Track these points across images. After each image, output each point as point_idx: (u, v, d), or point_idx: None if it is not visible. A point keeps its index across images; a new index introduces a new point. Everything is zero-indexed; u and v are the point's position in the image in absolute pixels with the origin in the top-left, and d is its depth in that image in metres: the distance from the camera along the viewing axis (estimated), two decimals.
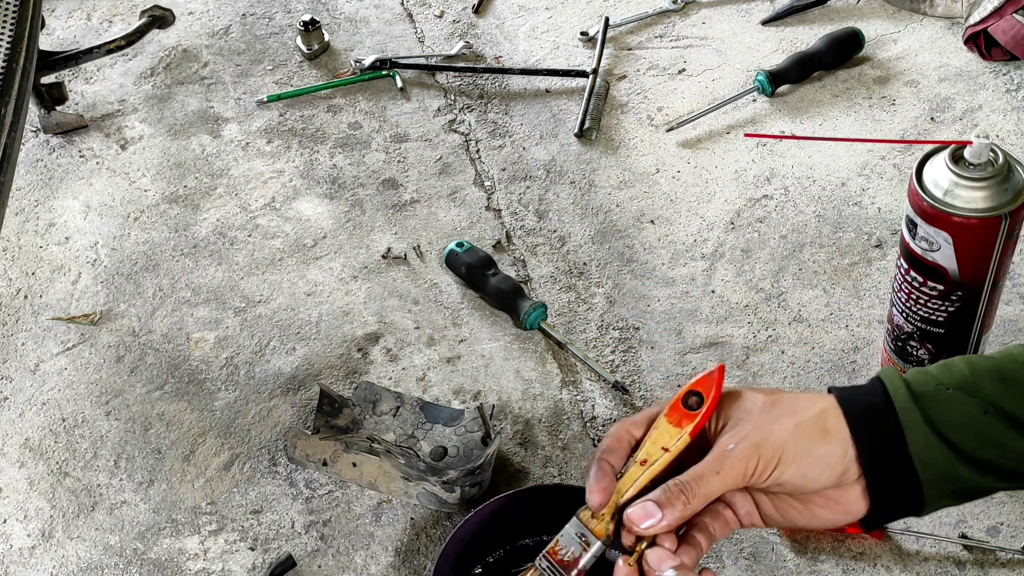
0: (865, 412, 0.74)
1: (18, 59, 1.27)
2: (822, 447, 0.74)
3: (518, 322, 1.37)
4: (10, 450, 1.30)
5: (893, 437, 0.74)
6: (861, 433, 0.74)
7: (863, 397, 0.75)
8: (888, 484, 0.75)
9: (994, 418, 0.73)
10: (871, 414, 0.74)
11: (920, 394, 0.74)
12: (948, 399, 0.74)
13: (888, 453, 0.74)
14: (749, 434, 0.74)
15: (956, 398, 0.74)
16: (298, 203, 1.57)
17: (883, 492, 0.75)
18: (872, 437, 0.74)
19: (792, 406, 0.75)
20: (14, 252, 1.53)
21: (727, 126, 1.61)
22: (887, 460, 0.74)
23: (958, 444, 0.73)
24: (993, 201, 1.07)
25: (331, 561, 1.18)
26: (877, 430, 0.74)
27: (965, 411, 0.73)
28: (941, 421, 0.73)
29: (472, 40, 1.79)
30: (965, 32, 1.65)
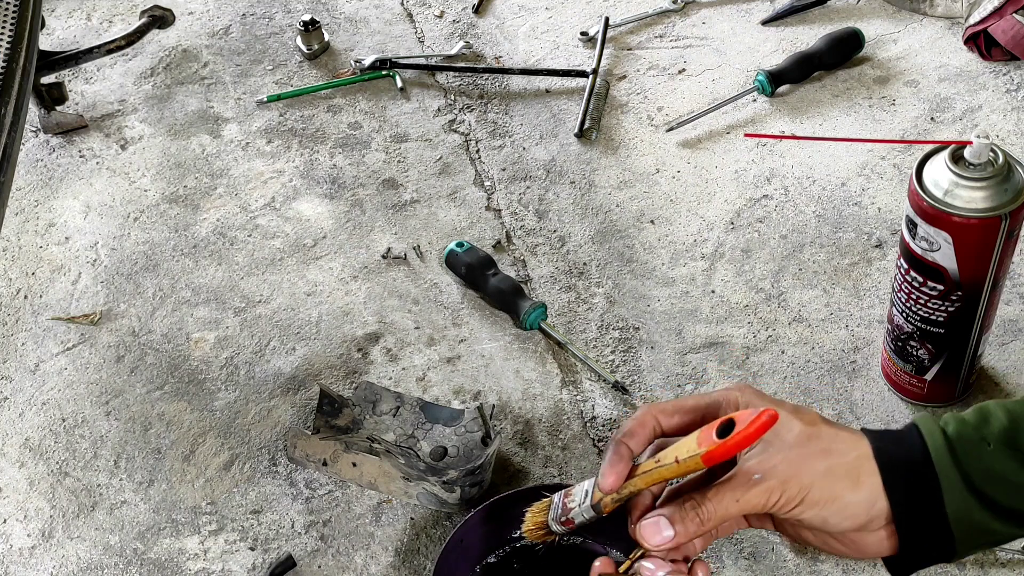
0: (902, 467, 0.72)
1: (18, 59, 1.27)
2: (851, 496, 0.72)
3: (518, 322, 1.37)
4: (10, 450, 1.30)
5: (929, 495, 0.72)
6: (895, 488, 0.72)
7: (900, 449, 0.73)
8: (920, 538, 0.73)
9: None
10: (908, 470, 0.72)
11: (959, 450, 0.72)
12: (986, 455, 0.72)
13: (922, 510, 0.72)
14: (778, 466, 0.71)
15: (995, 454, 0.72)
16: (298, 203, 1.57)
17: (914, 544, 0.73)
18: (907, 493, 0.72)
19: (827, 446, 0.72)
20: (14, 252, 1.54)
21: (727, 126, 1.61)
22: (921, 516, 0.72)
23: (994, 499, 0.72)
24: (993, 201, 1.07)
25: (331, 561, 1.18)
26: (913, 486, 0.72)
27: (1003, 467, 0.71)
28: (979, 478, 0.71)
29: (472, 40, 1.79)
30: (965, 32, 1.65)
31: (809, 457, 0.71)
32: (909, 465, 0.72)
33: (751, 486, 0.71)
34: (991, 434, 0.72)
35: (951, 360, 1.20)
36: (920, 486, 0.71)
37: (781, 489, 0.71)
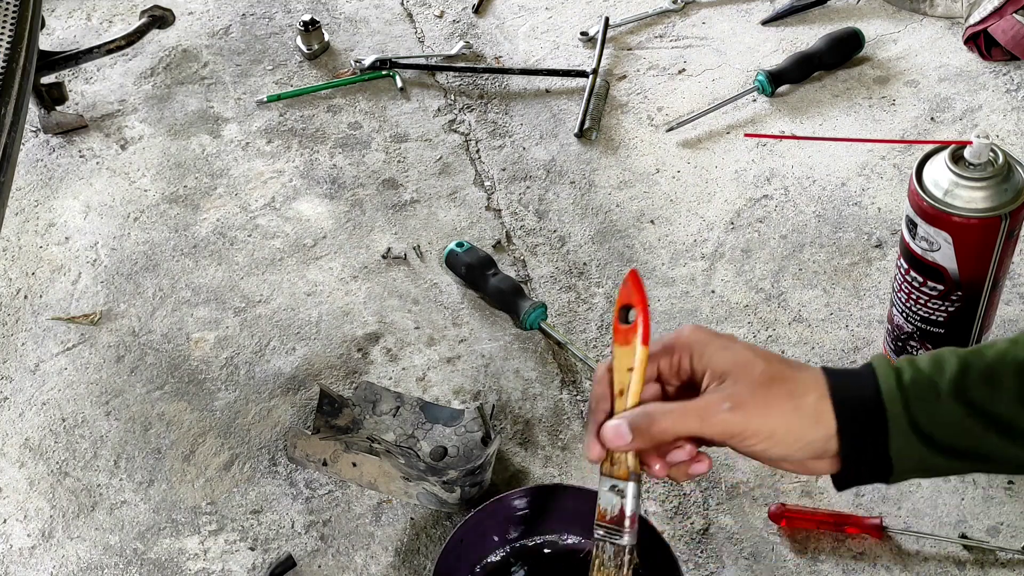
0: (856, 408, 0.77)
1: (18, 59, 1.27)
2: (812, 434, 0.76)
3: (518, 322, 1.37)
4: (10, 450, 1.30)
5: (876, 436, 0.76)
6: (847, 427, 0.76)
7: (855, 390, 0.77)
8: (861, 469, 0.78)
9: (977, 420, 0.75)
10: (861, 411, 0.76)
11: (910, 398, 0.76)
12: (936, 404, 0.76)
13: (868, 448, 0.77)
14: (747, 403, 0.76)
15: (944, 404, 0.76)
16: (298, 203, 1.57)
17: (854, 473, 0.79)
18: (857, 431, 0.77)
19: (791, 387, 0.77)
20: (14, 252, 1.53)
21: (727, 126, 1.61)
22: (866, 452, 0.77)
23: (937, 441, 0.76)
24: (993, 201, 1.07)
25: (331, 561, 1.18)
26: (863, 426, 0.76)
27: (950, 415, 0.76)
28: (925, 423, 0.76)
29: (472, 40, 1.79)
30: (965, 32, 1.65)
31: (776, 397, 0.76)
32: (862, 405, 0.76)
33: (719, 413, 0.76)
34: (942, 381, 0.76)
35: None
36: (869, 426, 0.76)
37: (748, 425, 0.76)
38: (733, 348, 0.79)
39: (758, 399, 0.76)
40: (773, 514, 1.16)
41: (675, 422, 0.77)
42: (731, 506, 1.18)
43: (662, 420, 0.77)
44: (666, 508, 1.19)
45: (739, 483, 1.20)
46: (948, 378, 0.76)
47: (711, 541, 1.16)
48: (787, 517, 1.15)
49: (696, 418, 0.77)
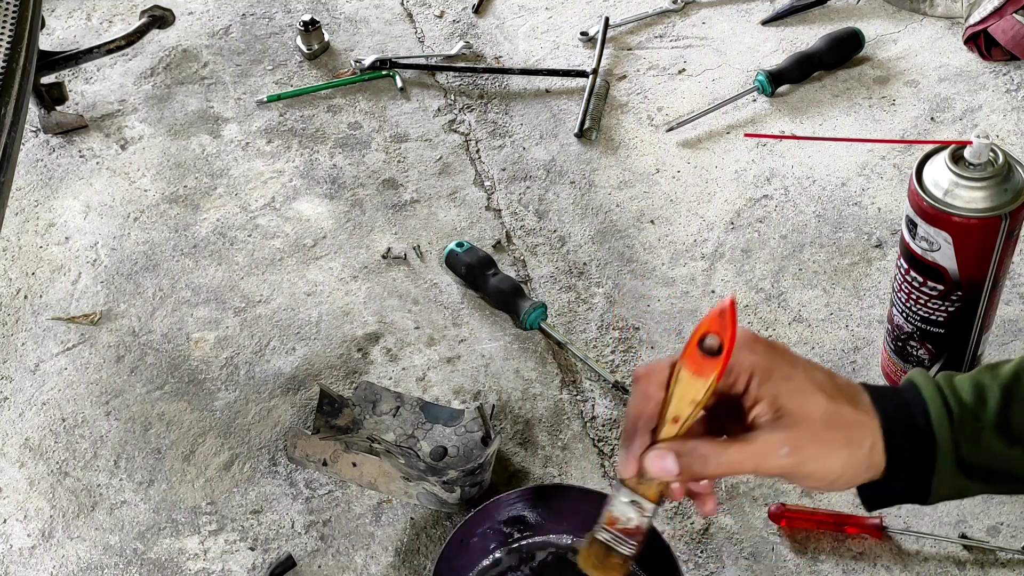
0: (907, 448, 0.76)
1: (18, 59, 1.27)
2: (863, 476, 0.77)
3: (518, 322, 1.37)
4: (10, 450, 1.30)
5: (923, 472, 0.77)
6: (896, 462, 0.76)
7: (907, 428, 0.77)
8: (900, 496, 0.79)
9: (1019, 449, 0.76)
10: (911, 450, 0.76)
11: (957, 433, 0.76)
12: (980, 437, 0.76)
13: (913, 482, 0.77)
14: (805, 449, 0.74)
15: (987, 437, 0.76)
16: (298, 203, 1.57)
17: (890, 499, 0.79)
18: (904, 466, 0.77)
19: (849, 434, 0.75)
20: (14, 252, 1.53)
21: (727, 126, 1.61)
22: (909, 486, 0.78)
23: (976, 469, 0.76)
24: (993, 201, 1.07)
25: (331, 561, 1.18)
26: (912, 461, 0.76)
27: (994, 447, 0.76)
28: (968, 455, 0.76)
29: (472, 40, 1.79)
30: (965, 32, 1.65)
31: (835, 443, 0.74)
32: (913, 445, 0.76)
33: (777, 459, 0.73)
34: (986, 414, 0.76)
35: (951, 360, 1.20)
36: (918, 463, 0.77)
37: (802, 467, 0.74)
38: (794, 380, 0.75)
39: (817, 445, 0.74)
40: (773, 514, 1.16)
41: (731, 465, 0.74)
42: (731, 506, 1.18)
43: (715, 461, 0.73)
44: (666, 508, 1.19)
45: (739, 483, 1.20)
46: (991, 410, 0.76)
47: (711, 541, 1.16)
48: (787, 517, 1.15)
49: (752, 463, 0.74)
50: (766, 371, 0.74)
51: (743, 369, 0.75)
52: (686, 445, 0.74)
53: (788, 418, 0.74)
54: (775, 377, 0.74)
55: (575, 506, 1.13)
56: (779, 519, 1.15)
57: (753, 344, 0.75)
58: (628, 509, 0.77)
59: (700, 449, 0.73)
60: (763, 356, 0.75)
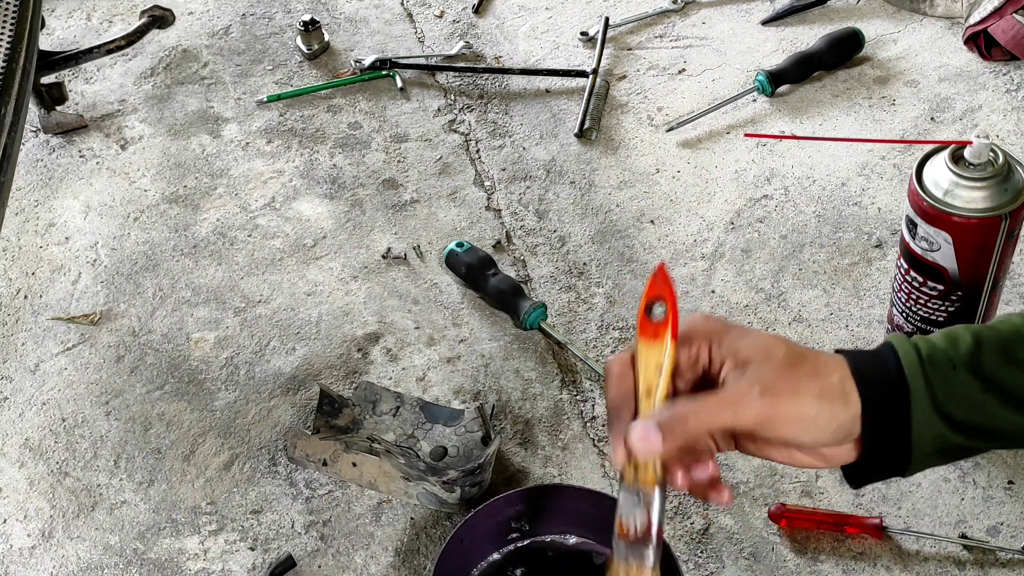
0: (878, 384, 0.75)
1: (18, 59, 1.27)
2: (843, 413, 0.74)
3: (518, 322, 1.37)
4: (10, 450, 1.30)
5: (899, 411, 0.75)
6: (871, 405, 0.75)
7: (877, 367, 0.76)
8: (882, 450, 0.77)
9: (993, 395, 0.75)
10: (884, 387, 0.75)
11: (929, 373, 0.75)
12: (953, 378, 0.75)
13: (891, 424, 0.75)
14: (776, 386, 0.73)
15: (961, 377, 0.75)
16: (298, 203, 1.57)
17: (875, 456, 0.77)
18: (880, 410, 0.75)
19: (815, 368, 0.75)
20: (14, 252, 1.54)
21: (727, 126, 1.61)
22: (888, 430, 0.76)
23: (955, 417, 0.75)
24: (993, 201, 1.07)
25: (331, 561, 1.18)
26: (886, 403, 0.75)
27: (967, 389, 0.75)
28: (943, 398, 0.75)
29: (472, 40, 1.79)
30: (965, 32, 1.65)
31: (804, 379, 0.74)
32: (885, 383, 0.75)
33: (750, 400, 0.73)
34: (958, 357, 0.76)
35: None
36: (892, 404, 0.75)
37: (779, 406, 0.73)
38: (752, 335, 0.76)
39: (787, 381, 0.73)
40: (773, 514, 1.16)
41: (709, 416, 0.73)
42: (731, 506, 1.18)
43: (694, 417, 0.73)
44: (666, 508, 1.19)
45: (739, 483, 1.20)
46: (963, 352, 0.76)
47: (711, 541, 1.16)
48: (787, 517, 1.15)
49: (729, 409, 0.73)
50: (722, 333, 0.76)
51: (700, 336, 0.76)
52: (662, 412, 0.74)
53: (753, 365, 0.74)
54: (732, 335, 0.76)
55: (575, 506, 1.13)
56: (779, 519, 1.15)
57: (707, 317, 0.77)
58: (634, 510, 0.75)
59: (676, 410, 0.73)
60: (717, 324, 0.77)
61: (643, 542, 0.76)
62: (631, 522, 0.76)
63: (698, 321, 0.77)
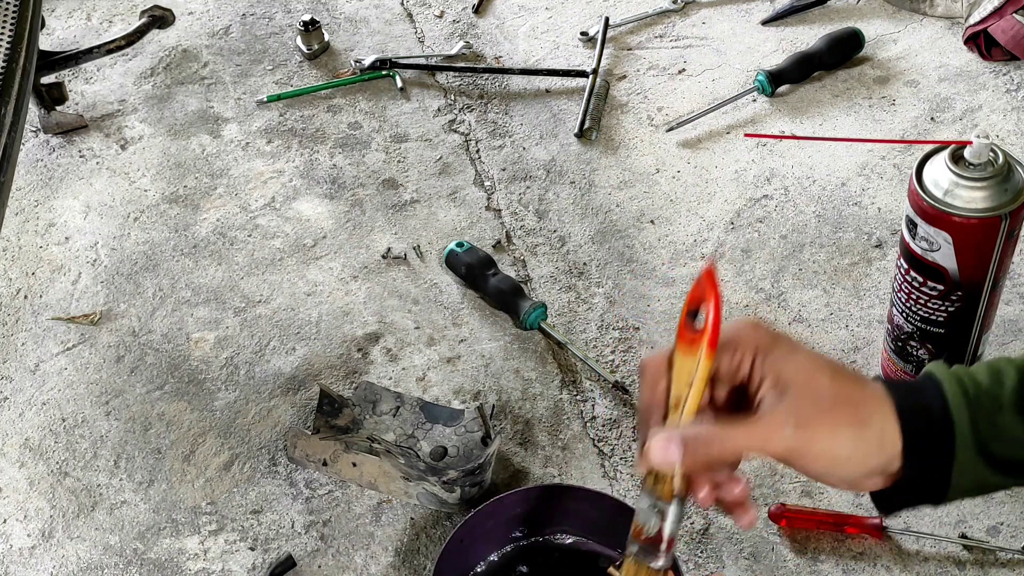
0: (922, 425, 0.73)
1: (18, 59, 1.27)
2: (876, 458, 0.72)
3: (518, 322, 1.37)
4: (10, 450, 1.30)
5: (941, 452, 0.73)
6: (913, 446, 0.73)
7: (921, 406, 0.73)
8: (919, 491, 0.75)
9: None
10: (927, 427, 0.73)
11: (975, 414, 0.73)
12: (999, 419, 0.73)
13: (932, 465, 0.73)
14: (812, 423, 0.71)
15: (1006, 418, 0.73)
16: (298, 203, 1.57)
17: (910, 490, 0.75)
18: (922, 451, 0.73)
19: (857, 411, 0.72)
20: (14, 252, 1.54)
21: (727, 126, 1.61)
22: (928, 470, 0.74)
23: (996, 456, 0.73)
24: (993, 201, 1.07)
25: (331, 561, 1.18)
26: (929, 444, 0.73)
27: (1013, 431, 0.73)
28: (988, 439, 0.73)
29: (472, 40, 1.79)
30: (965, 32, 1.65)
31: (842, 420, 0.71)
32: (929, 423, 0.72)
33: (782, 437, 0.70)
34: (1003, 395, 0.73)
35: (951, 360, 1.20)
36: (936, 445, 0.72)
37: (811, 445, 0.71)
38: (798, 355, 0.73)
39: (824, 420, 0.71)
40: (773, 514, 1.16)
41: (735, 444, 0.71)
42: None
43: (719, 443, 0.71)
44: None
45: None
46: (1009, 389, 0.73)
47: (711, 541, 1.16)
48: (787, 517, 1.15)
49: (758, 441, 0.71)
50: (768, 348, 0.73)
51: (746, 347, 0.73)
52: (688, 430, 0.71)
53: (792, 392, 0.71)
54: (778, 353, 0.73)
55: (575, 506, 1.13)
56: (779, 519, 1.15)
57: (756, 326, 0.74)
58: (650, 515, 0.74)
59: (703, 431, 0.71)
60: (765, 335, 0.73)
61: (654, 545, 0.75)
62: (645, 528, 0.75)
63: (746, 330, 0.74)
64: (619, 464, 1.24)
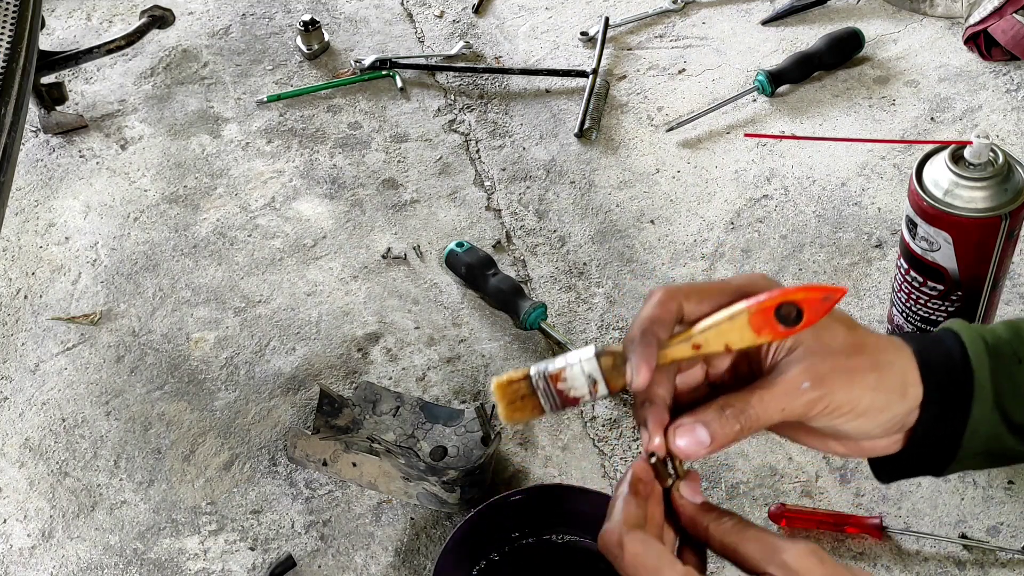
0: (943, 375, 0.70)
1: (18, 59, 1.27)
2: (898, 407, 0.69)
3: (518, 322, 1.37)
4: (10, 450, 1.30)
5: (959, 404, 0.70)
6: (932, 397, 0.70)
7: (942, 356, 0.71)
8: (930, 445, 0.72)
9: None
10: (948, 377, 0.70)
11: (995, 366, 0.70)
12: (1018, 373, 0.70)
13: (948, 418, 0.71)
14: (828, 376, 0.67)
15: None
16: (298, 203, 1.57)
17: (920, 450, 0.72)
18: (940, 402, 0.70)
19: (875, 357, 0.69)
20: (14, 252, 1.54)
21: (727, 126, 1.61)
22: (943, 424, 0.71)
23: (1013, 417, 0.71)
24: (993, 201, 1.07)
25: (331, 561, 1.18)
26: (948, 395, 0.70)
27: None
28: (1006, 394, 0.70)
29: (472, 40, 1.79)
30: (965, 32, 1.65)
31: (859, 369, 0.68)
32: (949, 373, 0.70)
33: (799, 395, 0.67)
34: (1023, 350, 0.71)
35: None
36: (954, 396, 0.70)
37: (830, 399, 0.68)
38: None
39: (842, 370, 0.68)
40: (773, 514, 1.16)
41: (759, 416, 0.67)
42: (731, 506, 1.18)
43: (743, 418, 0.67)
44: None
45: (739, 483, 1.20)
46: None
47: None
48: (787, 517, 1.15)
49: (777, 405, 0.67)
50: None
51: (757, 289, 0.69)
52: (708, 412, 0.67)
53: (805, 347, 0.68)
54: None
55: (575, 506, 1.13)
56: (779, 519, 1.15)
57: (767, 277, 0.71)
58: (580, 380, 0.69)
59: (725, 410, 0.67)
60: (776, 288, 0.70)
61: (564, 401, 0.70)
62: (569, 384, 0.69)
63: (760, 281, 0.70)
64: (619, 464, 1.24)
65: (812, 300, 0.66)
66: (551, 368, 0.69)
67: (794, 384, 0.67)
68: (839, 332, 0.69)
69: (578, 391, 0.69)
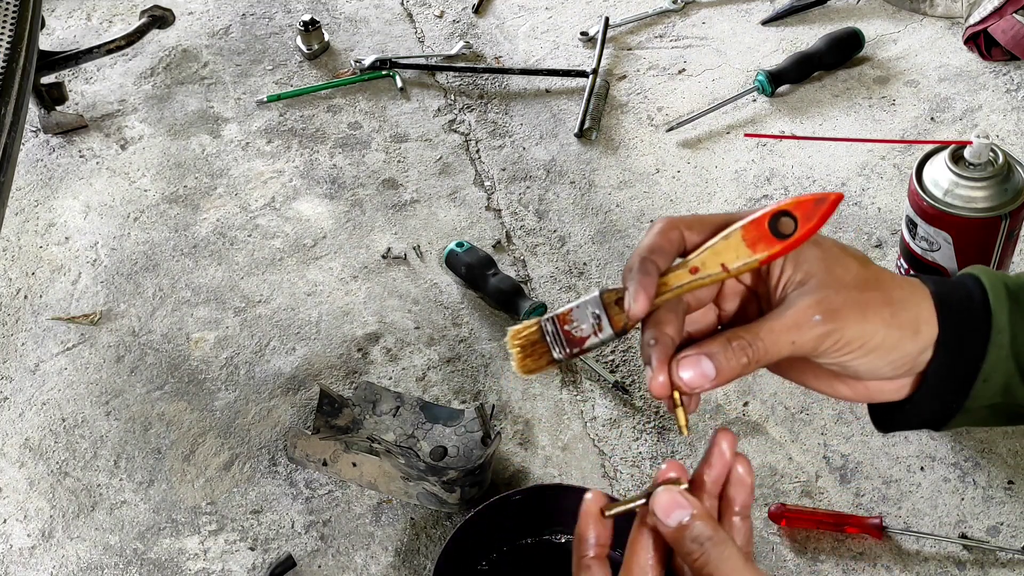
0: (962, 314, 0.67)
1: (18, 59, 1.27)
2: (910, 345, 0.66)
3: (518, 322, 1.37)
4: (10, 450, 1.30)
5: (974, 346, 0.67)
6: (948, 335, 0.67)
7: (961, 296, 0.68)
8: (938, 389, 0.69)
9: None
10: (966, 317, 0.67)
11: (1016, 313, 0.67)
12: None
13: (962, 360, 0.68)
14: (840, 310, 0.64)
15: None
16: (298, 203, 1.57)
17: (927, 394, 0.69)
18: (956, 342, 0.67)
19: (889, 292, 0.66)
20: (14, 252, 1.54)
21: (727, 126, 1.61)
22: (956, 366, 0.68)
23: None
24: (993, 201, 1.07)
25: (331, 561, 1.18)
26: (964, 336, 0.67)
27: None
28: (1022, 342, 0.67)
29: (472, 40, 1.79)
30: (965, 32, 1.65)
31: (872, 304, 0.65)
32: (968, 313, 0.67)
33: (810, 328, 0.64)
34: None
35: None
36: (970, 337, 0.67)
37: (841, 334, 0.65)
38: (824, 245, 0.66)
39: (852, 306, 0.65)
40: (773, 514, 1.16)
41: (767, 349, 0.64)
42: None
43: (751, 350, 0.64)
44: None
45: None
46: None
47: None
48: (787, 517, 1.15)
49: (787, 338, 0.64)
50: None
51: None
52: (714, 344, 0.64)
53: (816, 280, 0.65)
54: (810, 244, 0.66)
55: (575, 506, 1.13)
56: (779, 519, 1.15)
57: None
58: (587, 319, 0.67)
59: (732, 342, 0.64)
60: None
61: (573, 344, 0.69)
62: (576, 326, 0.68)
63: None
64: (619, 464, 1.24)
65: (804, 204, 0.64)
66: (560, 310, 0.69)
67: (805, 316, 0.64)
68: (852, 266, 0.66)
69: (583, 330, 0.67)
